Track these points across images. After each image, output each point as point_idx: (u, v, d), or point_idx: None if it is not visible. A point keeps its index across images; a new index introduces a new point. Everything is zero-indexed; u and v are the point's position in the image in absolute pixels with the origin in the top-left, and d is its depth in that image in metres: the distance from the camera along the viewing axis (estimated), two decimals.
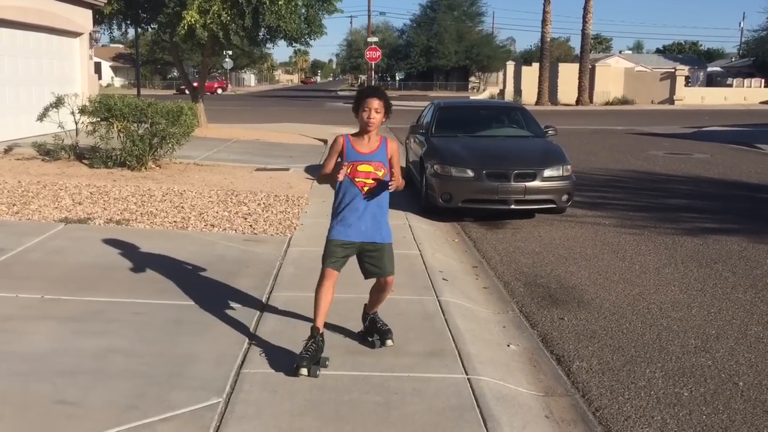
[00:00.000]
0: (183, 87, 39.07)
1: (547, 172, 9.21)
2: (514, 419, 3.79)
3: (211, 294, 5.45)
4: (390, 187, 4.21)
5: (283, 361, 4.24)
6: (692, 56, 79.98)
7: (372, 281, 4.52)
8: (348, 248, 4.26)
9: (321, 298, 4.23)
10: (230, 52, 48.79)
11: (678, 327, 5.46)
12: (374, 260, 4.33)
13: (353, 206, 4.25)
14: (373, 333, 4.58)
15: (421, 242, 7.55)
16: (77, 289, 5.41)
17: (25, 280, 5.56)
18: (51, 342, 4.40)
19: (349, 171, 4.21)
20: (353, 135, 4.34)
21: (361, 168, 4.23)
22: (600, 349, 5.03)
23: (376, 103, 4.21)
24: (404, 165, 12.70)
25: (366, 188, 4.25)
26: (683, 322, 5.58)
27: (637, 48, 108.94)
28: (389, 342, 4.50)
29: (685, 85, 51.18)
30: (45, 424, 3.42)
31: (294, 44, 19.33)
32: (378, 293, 4.54)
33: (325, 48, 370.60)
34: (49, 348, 4.31)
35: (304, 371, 4.03)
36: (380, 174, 4.25)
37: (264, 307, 5.21)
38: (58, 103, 11.44)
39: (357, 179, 4.24)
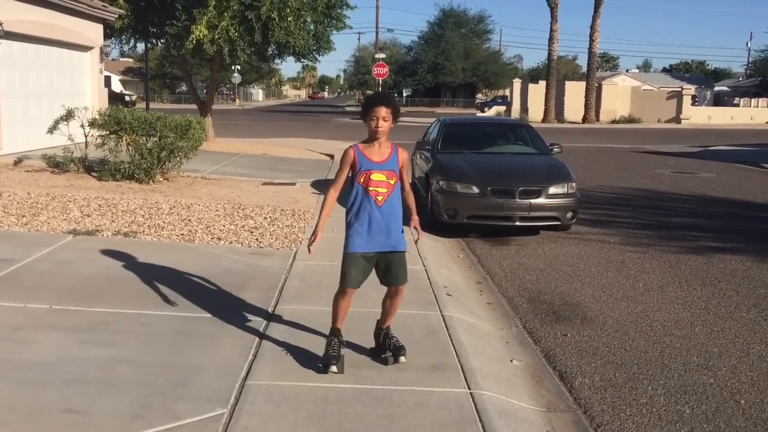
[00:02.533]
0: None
1: (552, 189, 9.25)
2: None
3: (216, 306, 5.50)
4: (411, 224, 4.38)
5: (288, 373, 4.28)
6: (699, 75, 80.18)
7: (380, 296, 4.55)
8: (369, 260, 4.31)
9: (340, 307, 4.38)
10: (239, 67, 49.09)
11: (681, 345, 5.48)
12: (390, 267, 4.36)
13: (368, 216, 4.27)
14: (385, 349, 4.55)
15: (425, 257, 7.59)
16: (85, 299, 5.47)
17: (33, 291, 5.62)
18: (58, 351, 4.45)
19: (362, 180, 4.24)
20: (362, 143, 4.35)
21: (375, 177, 4.24)
22: (602, 365, 5.05)
23: (383, 111, 4.20)
24: (411, 180, 12.78)
25: (380, 197, 4.26)
26: (686, 340, 5.60)
27: (645, 67, 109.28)
28: (402, 359, 4.48)
29: (692, 105, 51.23)
30: (51, 431, 3.46)
31: (302, 60, 19.50)
32: (390, 302, 4.53)
33: (333, 63, 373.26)
34: (57, 357, 4.36)
35: (334, 368, 4.23)
36: (392, 182, 4.29)
37: (269, 320, 5.25)
38: (69, 116, 11.58)
39: (370, 188, 4.25)
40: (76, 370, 4.18)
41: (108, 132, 11.33)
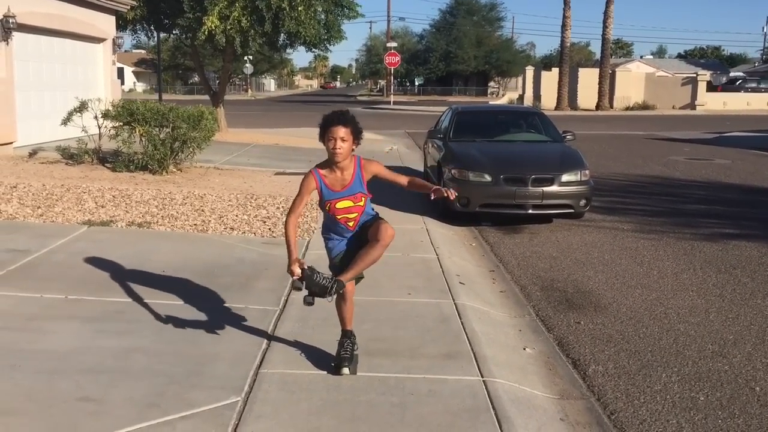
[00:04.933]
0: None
1: (565, 177, 9.21)
2: (529, 421, 3.82)
3: (230, 295, 5.53)
4: (435, 195, 3.94)
5: (301, 361, 4.30)
6: (714, 61, 79.35)
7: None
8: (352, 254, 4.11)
9: (344, 310, 4.22)
10: (250, 57, 49.15)
11: (695, 332, 5.45)
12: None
13: (342, 238, 4.14)
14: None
15: (438, 246, 7.59)
16: (99, 289, 5.52)
17: (49, 281, 5.68)
18: (74, 341, 4.50)
19: (328, 208, 4.05)
20: (323, 168, 4.05)
21: (341, 204, 4.02)
22: (616, 353, 5.03)
23: (341, 132, 3.88)
24: (422, 170, 12.77)
25: (351, 222, 4.08)
26: (700, 327, 5.57)
27: (659, 53, 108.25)
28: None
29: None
30: (68, 420, 3.50)
31: (313, 50, 19.46)
32: (364, 252, 4.00)
33: (345, 53, 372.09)
34: (72, 347, 4.40)
35: (346, 370, 4.10)
36: (362, 203, 4.06)
37: (282, 309, 5.27)
38: (82, 107, 11.63)
39: (338, 216, 4.06)
40: (92, 360, 4.22)
41: (121, 123, 11.38)
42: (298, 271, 3.87)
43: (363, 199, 4.05)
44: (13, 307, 5.06)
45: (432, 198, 4.02)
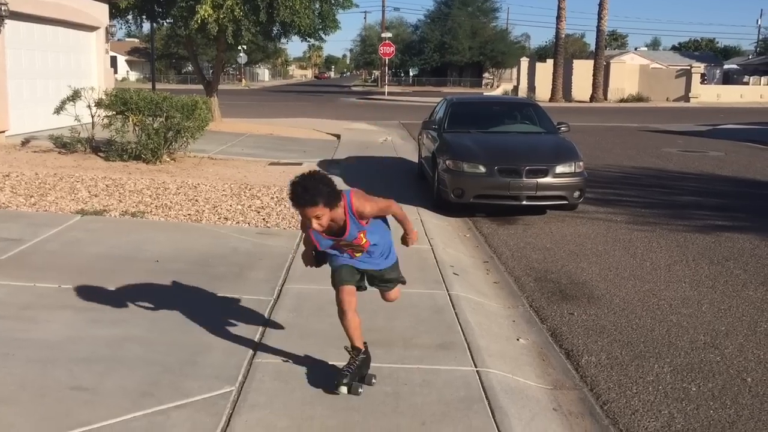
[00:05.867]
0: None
1: (559, 169, 9.22)
2: (522, 411, 3.84)
3: (224, 285, 5.53)
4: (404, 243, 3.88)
5: (296, 351, 4.30)
6: (709, 53, 79.43)
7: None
8: (357, 272, 3.85)
9: (349, 324, 3.76)
10: (244, 47, 48.97)
11: (687, 323, 5.48)
12: (385, 280, 4.00)
13: (349, 260, 3.83)
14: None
15: (432, 237, 7.59)
16: (93, 279, 5.50)
17: (42, 270, 5.66)
18: (67, 330, 4.49)
19: (329, 248, 3.80)
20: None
21: (342, 243, 3.74)
22: (609, 344, 5.06)
23: (313, 212, 3.41)
24: (417, 161, 12.76)
25: (357, 253, 3.80)
26: (693, 318, 5.60)
27: (654, 45, 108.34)
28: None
29: (701, 83, 50.78)
30: (62, 409, 3.50)
31: (308, 39, 19.39)
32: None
33: (339, 43, 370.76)
34: (66, 336, 4.40)
35: (343, 389, 3.71)
36: (363, 240, 3.71)
37: (277, 299, 5.27)
38: (75, 96, 11.57)
39: (343, 252, 3.81)
40: (85, 349, 4.22)
41: (114, 112, 11.33)
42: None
43: (362, 235, 3.68)
44: (6, 296, 5.04)
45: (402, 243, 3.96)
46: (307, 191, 3.37)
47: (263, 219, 7.94)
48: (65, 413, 3.45)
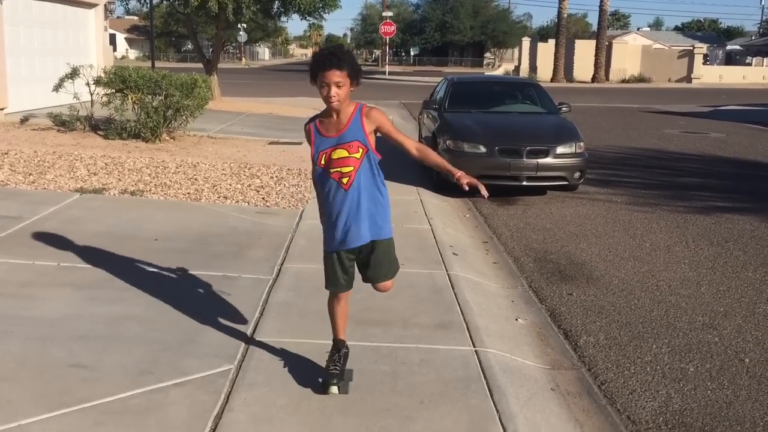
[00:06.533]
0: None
1: (560, 149, 9.19)
2: (520, 390, 3.85)
3: (223, 264, 5.52)
4: (465, 184, 3.43)
5: (294, 330, 4.31)
6: (711, 34, 78.95)
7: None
8: (351, 256, 3.53)
9: (337, 314, 3.66)
10: (244, 25, 48.61)
11: (686, 304, 5.49)
12: (370, 260, 3.52)
13: (337, 206, 3.44)
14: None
15: (432, 217, 7.58)
16: (92, 257, 5.50)
17: (41, 248, 5.65)
18: (66, 308, 4.49)
19: (322, 162, 3.43)
20: (320, 116, 3.51)
21: (335, 155, 3.39)
22: (607, 324, 5.06)
23: (336, 76, 3.25)
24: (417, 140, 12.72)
25: (345, 179, 3.40)
26: (692, 299, 5.60)
27: (656, 25, 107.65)
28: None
29: (704, 64, 50.53)
30: (61, 386, 3.50)
31: (308, 18, 19.24)
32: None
33: (340, 22, 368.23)
34: (65, 314, 4.40)
35: (334, 389, 3.55)
36: (358, 156, 3.38)
37: (276, 278, 5.27)
38: (74, 74, 11.48)
39: (332, 170, 3.41)
40: (84, 327, 4.22)
41: (113, 90, 11.25)
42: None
43: (360, 149, 3.38)
44: (5, 274, 5.04)
45: (463, 188, 3.47)
46: (335, 55, 3.27)
47: (263, 198, 7.92)
48: (64, 390, 3.46)
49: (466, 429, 3.33)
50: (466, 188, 3.47)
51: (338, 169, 3.39)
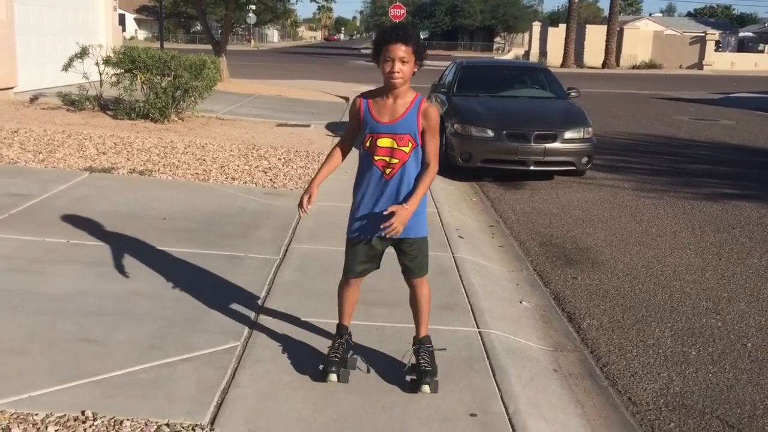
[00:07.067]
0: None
1: (568, 134, 9.18)
2: (523, 371, 3.89)
3: (231, 244, 5.57)
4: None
5: (300, 308, 4.36)
6: (724, 20, 78.23)
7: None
8: (374, 247, 3.42)
9: (345, 300, 3.57)
10: (253, 7, 48.43)
11: (690, 289, 5.51)
12: (404, 256, 3.48)
13: (373, 191, 3.34)
14: (412, 369, 3.55)
15: (438, 200, 7.61)
16: (101, 235, 5.56)
17: (50, 225, 5.71)
18: (76, 284, 4.55)
19: (368, 144, 3.31)
20: (374, 94, 3.32)
21: (381, 142, 3.26)
22: (611, 308, 5.10)
23: (401, 51, 3.11)
24: None
25: (388, 169, 3.29)
26: (696, 284, 5.62)
27: (668, 11, 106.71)
28: (425, 387, 3.41)
29: (716, 50, 50.13)
30: (71, 359, 3.56)
31: (317, 0, 19.19)
32: (413, 303, 3.61)
33: (349, 5, 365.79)
34: (74, 290, 4.46)
35: (333, 377, 3.46)
36: (407, 150, 3.26)
37: (282, 258, 5.32)
38: (83, 53, 11.52)
39: (376, 157, 3.29)
40: (94, 302, 4.28)
41: (122, 70, 11.30)
42: (305, 200, 3.40)
43: (410, 143, 3.25)
44: (16, 250, 5.10)
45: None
46: (404, 29, 3.17)
47: (270, 179, 7.96)
48: (74, 364, 3.52)
49: (468, 407, 3.37)
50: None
51: (384, 158, 3.28)
